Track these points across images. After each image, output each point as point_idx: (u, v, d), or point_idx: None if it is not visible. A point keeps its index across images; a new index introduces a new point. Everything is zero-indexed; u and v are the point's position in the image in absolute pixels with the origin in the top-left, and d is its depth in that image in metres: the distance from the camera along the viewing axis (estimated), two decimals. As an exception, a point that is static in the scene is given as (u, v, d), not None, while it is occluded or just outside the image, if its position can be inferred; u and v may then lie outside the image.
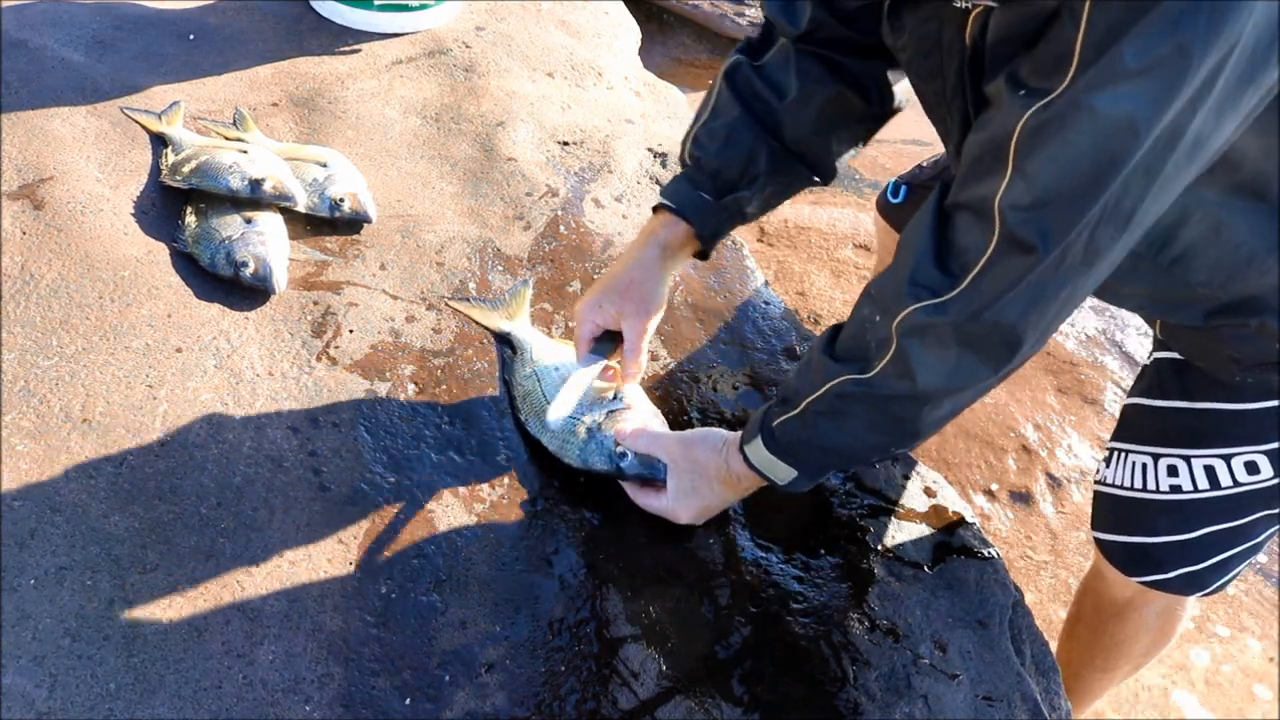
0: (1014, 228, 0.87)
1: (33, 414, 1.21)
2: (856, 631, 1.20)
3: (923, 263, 0.94)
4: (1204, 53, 0.76)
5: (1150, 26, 0.75)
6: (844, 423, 1.05)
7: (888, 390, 1.00)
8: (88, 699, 1.00)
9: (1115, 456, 1.31)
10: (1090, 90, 0.79)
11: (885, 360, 0.98)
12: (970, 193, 0.91)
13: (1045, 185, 0.84)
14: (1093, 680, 1.51)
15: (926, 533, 1.33)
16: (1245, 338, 1.10)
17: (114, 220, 1.48)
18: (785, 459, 1.11)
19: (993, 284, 0.90)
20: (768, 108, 1.21)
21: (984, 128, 0.90)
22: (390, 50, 1.97)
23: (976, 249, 0.90)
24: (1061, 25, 0.81)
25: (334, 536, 1.17)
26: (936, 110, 1.07)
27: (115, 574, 1.09)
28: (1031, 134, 0.83)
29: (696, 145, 1.25)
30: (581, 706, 1.08)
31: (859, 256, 2.56)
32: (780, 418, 1.10)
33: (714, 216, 1.25)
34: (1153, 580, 1.30)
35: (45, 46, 1.77)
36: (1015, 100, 0.85)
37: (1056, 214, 0.85)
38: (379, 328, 1.42)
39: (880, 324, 0.98)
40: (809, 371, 1.07)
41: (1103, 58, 0.78)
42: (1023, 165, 0.85)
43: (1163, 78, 0.77)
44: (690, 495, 1.22)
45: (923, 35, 1.01)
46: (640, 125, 1.94)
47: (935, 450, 2.17)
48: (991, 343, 0.94)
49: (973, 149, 0.91)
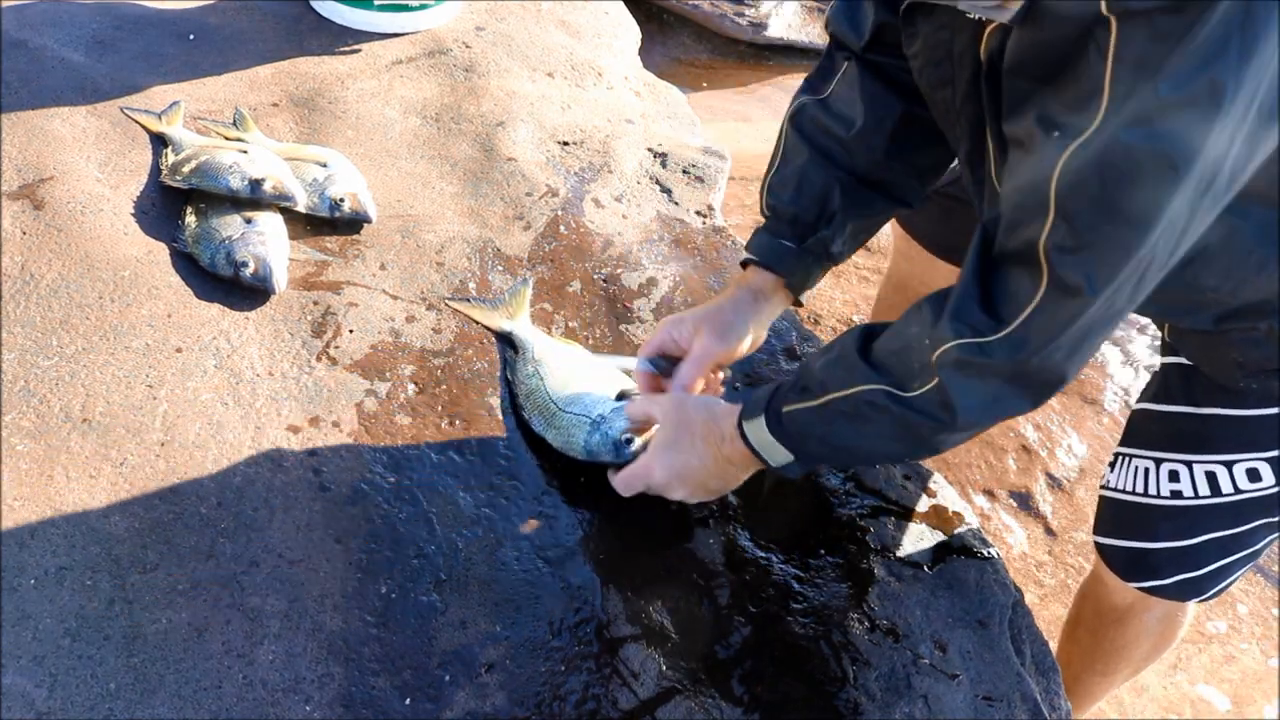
0: (1060, 271, 0.86)
1: (33, 414, 1.21)
2: (856, 631, 1.20)
3: (967, 304, 0.93)
4: (1237, 86, 0.76)
5: (1183, 61, 0.75)
6: (864, 428, 1.03)
7: (923, 414, 0.98)
8: (88, 699, 1.00)
9: (1119, 461, 1.30)
10: (1126, 127, 0.78)
11: (927, 387, 0.97)
12: (1016, 239, 0.89)
13: (1088, 225, 0.83)
14: (1092, 683, 1.51)
15: (926, 533, 1.33)
16: (1254, 342, 1.09)
17: (114, 220, 1.48)
18: (786, 444, 1.09)
19: (1041, 328, 0.90)
20: (838, 143, 1.19)
21: (1020, 173, 0.89)
22: (390, 50, 1.97)
23: (1025, 294, 0.89)
24: (1087, 57, 0.79)
25: (334, 536, 1.17)
26: (946, 118, 1.07)
27: (115, 574, 1.09)
28: (1071, 174, 0.82)
29: (770, 194, 1.24)
30: (581, 706, 1.08)
31: (859, 257, 2.56)
32: (794, 405, 1.08)
33: (799, 262, 1.23)
34: (1150, 586, 1.30)
35: (45, 46, 1.77)
36: (1049, 141, 0.83)
37: (1102, 255, 0.84)
38: (379, 328, 1.42)
39: (925, 348, 0.97)
40: (838, 368, 1.05)
41: (1135, 93, 0.77)
42: (1063, 207, 0.84)
43: (1198, 111, 0.77)
44: (669, 449, 1.16)
45: (935, 43, 1.00)
46: (640, 125, 1.94)
47: (935, 450, 2.17)
48: (1036, 382, 0.94)
49: (1013, 194, 0.90)
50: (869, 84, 1.17)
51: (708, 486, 1.19)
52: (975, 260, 0.94)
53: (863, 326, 1.08)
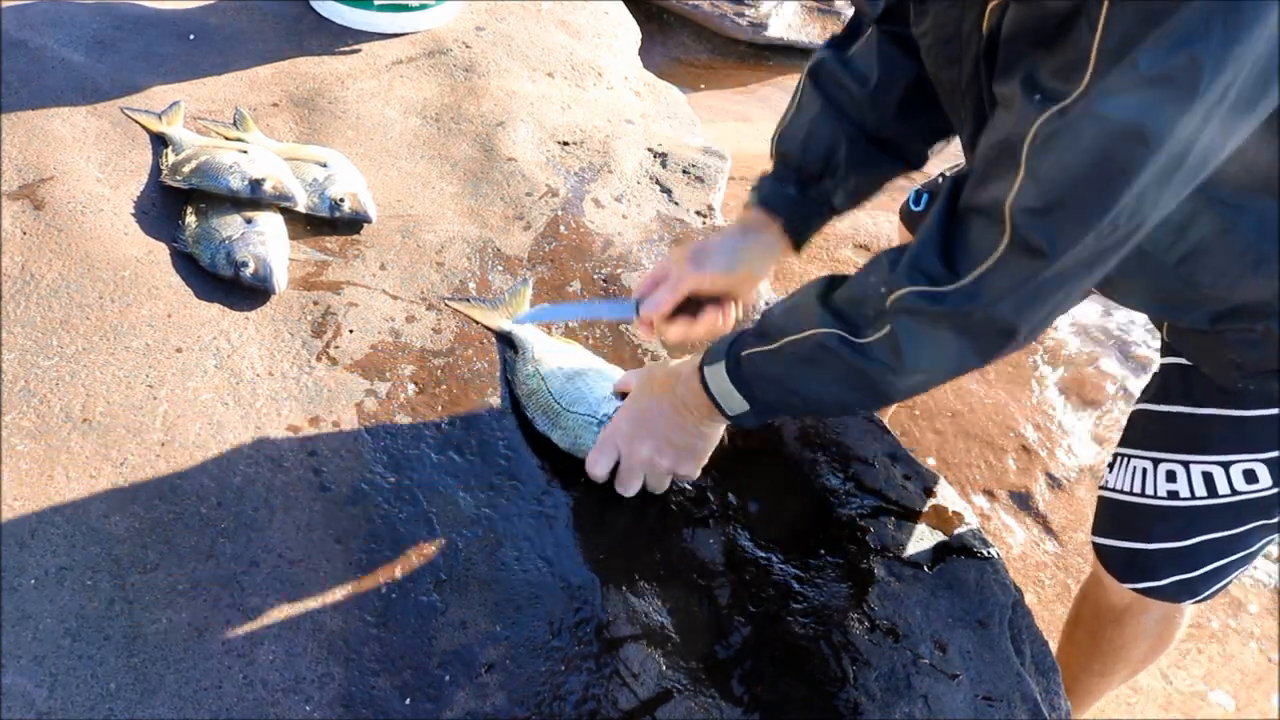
0: (1024, 231, 0.87)
1: (33, 414, 1.21)
2: (856, 631, 1.20)
3: (927, 251, 0.95)
4: (1217, 67, 0.76)
5: (1165, 36, 0.75)
6: (816, 372, 1.05)
7: (872, 359, 1.00)
8: (88, 699, 1.00)
9: (1118, 462, 1.30)
10: (1103, 97, 0.79)
11: (879, 334, 0.98)
12: (983, 194, 0.91)
13: (1056, 190, 0.85)
14: (1091, 684, 1.51)
15: (926, 533, 1.33)
16: (1251, 343, 1.09)
17: (114, 220, 1.48)
18: (741, 390, 1.11)
19: (995, 282, 0.91)
20: (851, 98, 1.21)
21: (997, 129, 0.90)
22: (390, 50, 1.97)
23: (985, 249, 0.90)
24: (1079, 29, 0.80)
25: (334, 536, 1.17)
26: (952, 99, 1.07)
27: (115, 574, 1.09)
28: (1045, 139, 0.83)
29: (780, 143, 1.26)
30: (581, 706, 1.08)
31: (859, 256, 2.56)
32: (751, 349, 1.10)
33: (799, 209, 1.26)
34: (1146, 587, 1.30)
35: (45, 46, 1.77)
36: (1030, 104, 0.84)
37: (1065, 220, 0.86)
38: (379, 328, 1.42)
39: (881, 296, 0.98)
40: (795, 313, 1.07)
41: (1117, 65, 0.78)
42: (1034, 169, 0.85)
43: (1175, 88, 0.77)
44: (631, 401, 1.23)
45: (945, 20, 1.01)
46: (640, 125, 1.94)
47: (935, 450, 2.17)
48: (985, 333, 0.95)
49: (987, 150, 0.91)
50: (885, 47, 1.19)
51: (670, 440, 1.21)
52: (942, 210, 0.95)
53: (826, 276, 1.09)
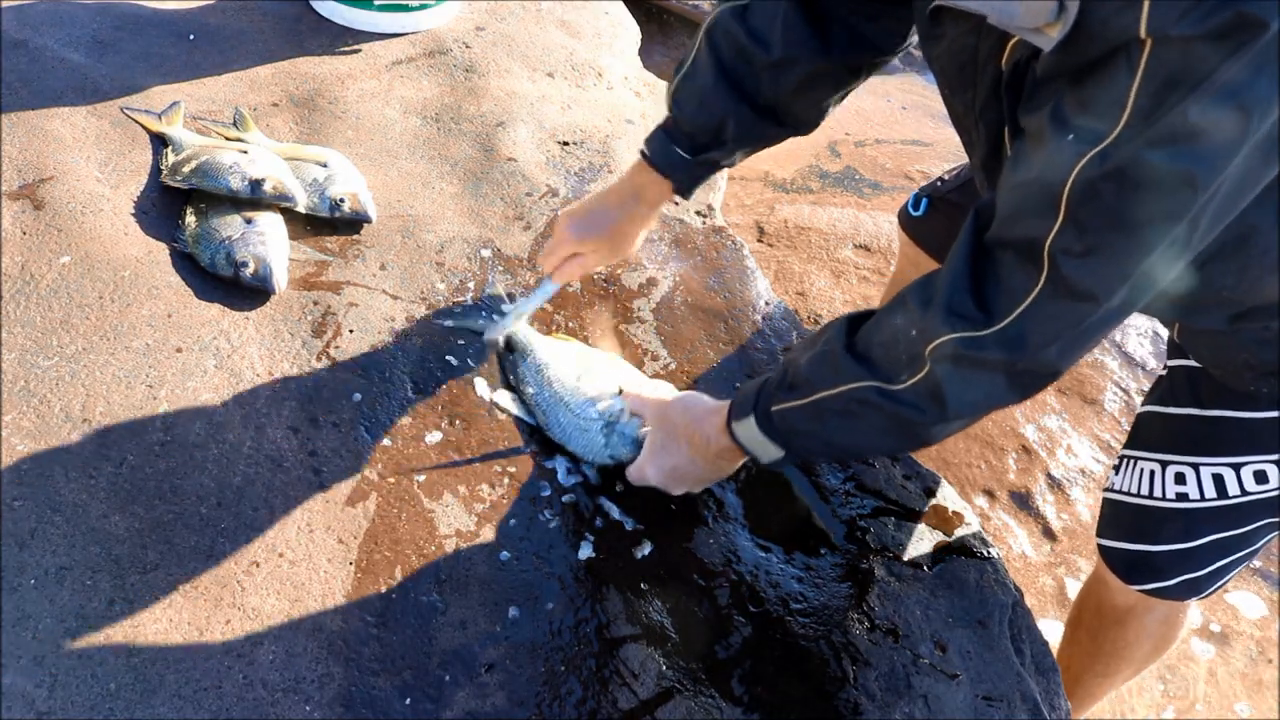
0: (1067, 273, 0.86)
1: (33, 414, 1.21)
2: (856, 631, 1.20)
3: (958, 293, 0.93)
4: (1265, 114, 0.76)
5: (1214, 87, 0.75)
6: (856, 424, 1.04)
7: (912, 407, 0.99)
8: (88, 699, 1.00)
9: (1125, 464, 1.30)
10: (1151, 146, 0.79)
11: (915, 379, 0.97)
12: (1015, 231, 0.90)
13: (1102, 234, 0.84)
14: (1093, 684, 1.51)
15: (926, 533, 1.33)
16: (1266, 342, 1.09)
17: (114, 220, 1.48)
18: (776, 441, 1.11)
19: (1038, 325, 0.90)
20: (748, 66, 1.18)
21: (1028, 167, 0.88)
22: (390, 50, 1.97)
23: (1021, 288, 0.89)
24: (1116, 67, 0.79)
25: (334, 536, 1.17)
26: (964, 121, 1.06)
27: (115, 574, 1.09)
28: (1086, 183, 0.82)
29: (675, 101, 1.26)
30: (581, 706, 1.08)
31: (859, 257, 2.56)
32: (783, 404, 1.09)
33: (689, 171, 1.28)
34: (1154, 588, 1.30)
35: (45, 46, 1.77)
36: (1063, 142, 0.83)
37: (1112, 263, 0.85)
38: (379, 328, 1.42)
39: (914, 340, 0.97)
40: (824, 365, 1.05)
41: (1163, 112, 0.77)
42: (1076, 213, 0.84)
43: (1224, 137, 0.77)
44: (659, 453, 1.24)
45: (960, 48, 1.00)
46: (640, 125, 1.93)
47: (935, 450, 2.17)
48: (1029, 377, 0.95)
49: (1017, 188, 0.90)
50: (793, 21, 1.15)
51: (703, 480, 1.27)
52: (967, 245, 0.94)
53: (846, 317, 1.08)
